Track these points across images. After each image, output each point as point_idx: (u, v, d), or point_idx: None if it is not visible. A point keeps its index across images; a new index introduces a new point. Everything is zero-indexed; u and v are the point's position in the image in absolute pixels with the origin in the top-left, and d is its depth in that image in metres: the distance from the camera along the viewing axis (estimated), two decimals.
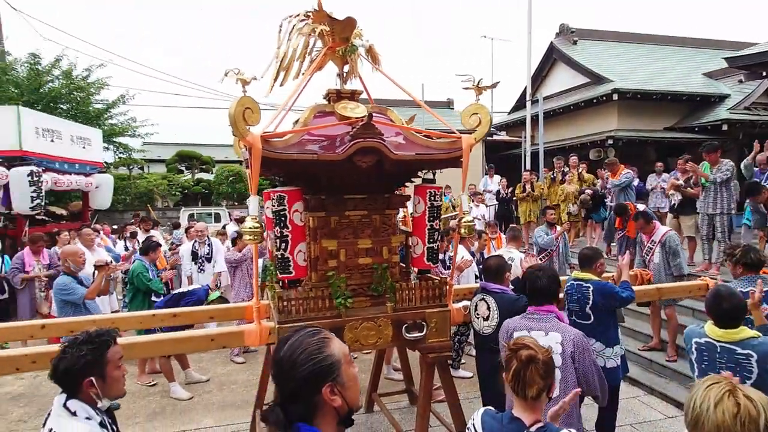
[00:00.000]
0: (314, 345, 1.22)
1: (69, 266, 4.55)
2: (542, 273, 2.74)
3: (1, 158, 7.99)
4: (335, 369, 1.21)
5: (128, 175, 18.55)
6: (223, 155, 29.36)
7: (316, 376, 1.19)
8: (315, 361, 1.20)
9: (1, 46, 14.58)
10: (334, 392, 1.20)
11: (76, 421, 1.72)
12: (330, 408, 1.21)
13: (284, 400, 1.22)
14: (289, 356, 1.22)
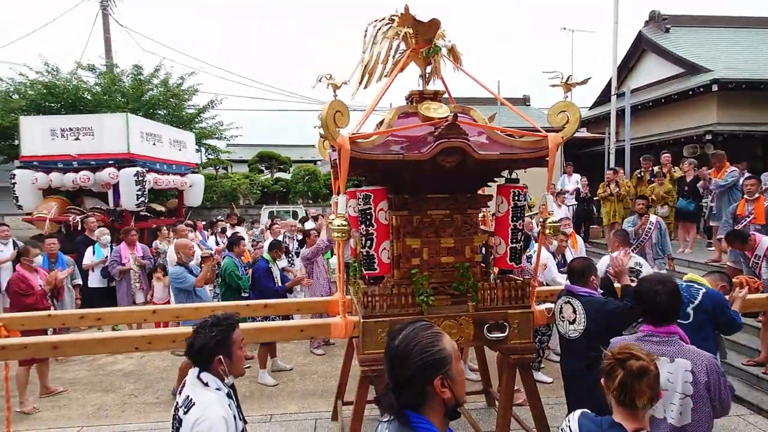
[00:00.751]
0: (428, 338, 1.28)
1: (181, 257, 4.99)
2: (662, 288, 2.26)
3: (112, 160, 8.95)
4: (447, 363, 1.27)
5: (215, 174, 19.92)
6: (299, 155, 30.59)
7: (429, 368, 1.25)
8: (429, 353, 1.26)
9: (110, 60, 16.31)
10: (444, 385, 1.25)
11: (209, 391, 1.95)
12: (439, 399, 1.27)
13: (396, 387, 1.29)
14: (404, 347, 1.28)
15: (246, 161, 23.55)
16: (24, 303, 4.99)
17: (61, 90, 13.81)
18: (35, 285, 5.14)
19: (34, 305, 4.97)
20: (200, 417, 1.86)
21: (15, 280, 5.13)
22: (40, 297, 5.14)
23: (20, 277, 5.10)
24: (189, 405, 1.91)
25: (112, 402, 4.91)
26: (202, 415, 1.86)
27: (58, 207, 9.01)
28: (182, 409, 1.93)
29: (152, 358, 6.14)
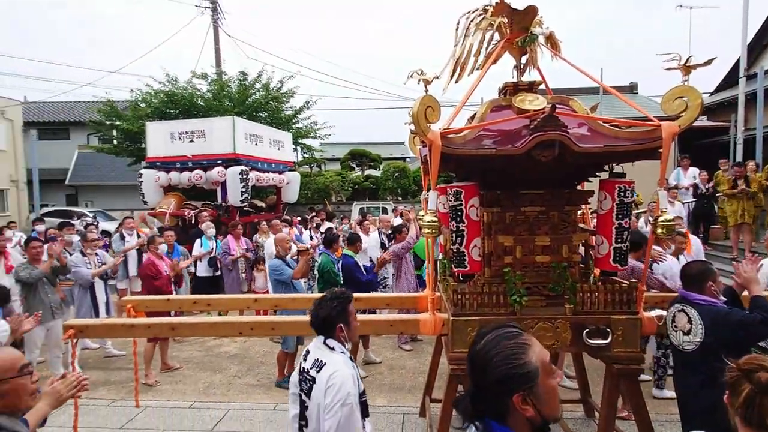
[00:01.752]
0: (511, 349, 1.19)
1: (279, 251, 5.30)
2: None
3: (220, 160, 9.77)
4: (531, 379, 1.16)
5: (310, 172, 20.94)
6: (389, 153, 31.02)
7: (509, 382, 1.15)
8: (510, 366, 1.16)
9: (219, 68, 17.80)
10: (526, 402, 1.15)
11: (335, 354, 2.24)
12: (522, 415, 1.16)
13: (475, 393, 1.22)
14: (484, 354, 1.20)
15: (338, 159, 24.43)
16: (153, 285, 5.69)
17: (179, 98, 15.38)
18: (162, 270, 5.83)
19: (161, 288, 5.67)
20: (334, 373, 2.13)
21: (147, 265, 5.86)
22: (165, 281, 5.84)
23: (150, 263, 5.83)
24: (320, 365, 2.19)
25: (219, 381, 5.36)
26: (335, 371, 2.13)
27: (176, 202, 10.05)
28: (314, 370, 2.21)
29: (254, 343, 6.61)
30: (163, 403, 4.77)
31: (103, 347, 6.33)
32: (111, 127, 16.67)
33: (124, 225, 8.19)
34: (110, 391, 5.12)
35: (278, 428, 4.17)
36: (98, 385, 5.27)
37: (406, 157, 30.38)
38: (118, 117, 15.86)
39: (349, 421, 2.09)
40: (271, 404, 4.67)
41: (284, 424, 4.23)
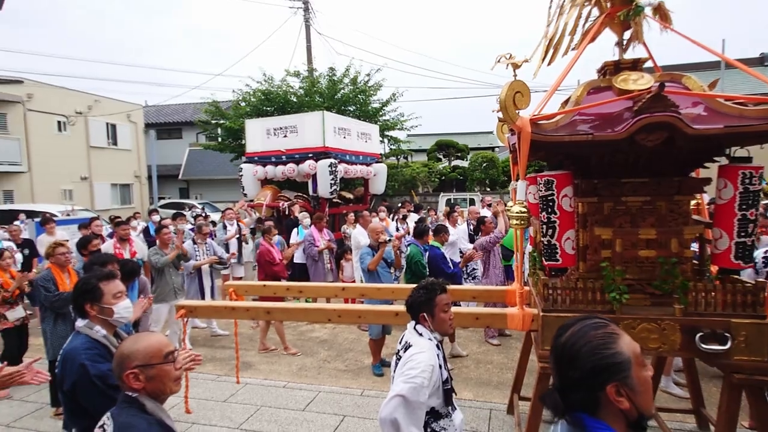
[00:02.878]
0: (600, 339, 1.14)
1: (371, 240, 5.43)
2: None
3: (311, 153, 10.18)
4: (623, 369, 1.11)
5: (396, 164, 21.14)
6: (477, 143, 30.33)
7: (601, 373, 1.11)
8: (600, 356, 1.12)
9: (310, 65, 18.54)
10: (620, 394, 1.10)
11: (422, 339, 2.33)
12: (615, 407, 1.12)
13: (563, 388, 1.18)
14: (570, 345, 1.17)
15: (425, 150, 24.37)
16: (271, 271, 6.28)
17: (274, 95, 16.29)
18: (276, 258, 6.37)
19: (278, 273, 6.28)
20: (414, 353, 2.24)
21: (263, 252, 6.42)
22: (281, 268, 6.44)
23: (266, 250, 6.38)
24: (407, 346, 2.32)
25: (310, 365, 5.63)
26: (417, 352, 2.24)
27: (272, 194, 10.68)
28: (402, 350, 2.34)
29: (342, 330, 6.85)
30: (260, 381, 5.12)
31: (210, 327, 6.95)
32: (216, 125, 18.15)
33: (225, 215, 8.89)
34: (216, 367, 5.61)
35: (365, 413, 4.29)
36: (205, 361, 5.78)
37: (495, 147, 29.48)
38: (222, 116, 17.22)
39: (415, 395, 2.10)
40: (358, 389, 4.81)
41: (371, 409, 4.34)
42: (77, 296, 2.20)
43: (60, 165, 19.36)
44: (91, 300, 2.16)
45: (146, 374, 1.60)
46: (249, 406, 4.51)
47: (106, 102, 21.83)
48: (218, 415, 4.35)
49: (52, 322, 4.31)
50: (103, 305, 2.18)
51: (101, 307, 2.17)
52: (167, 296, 5.73)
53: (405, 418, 2.06)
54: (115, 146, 22.64)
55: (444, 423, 2.28)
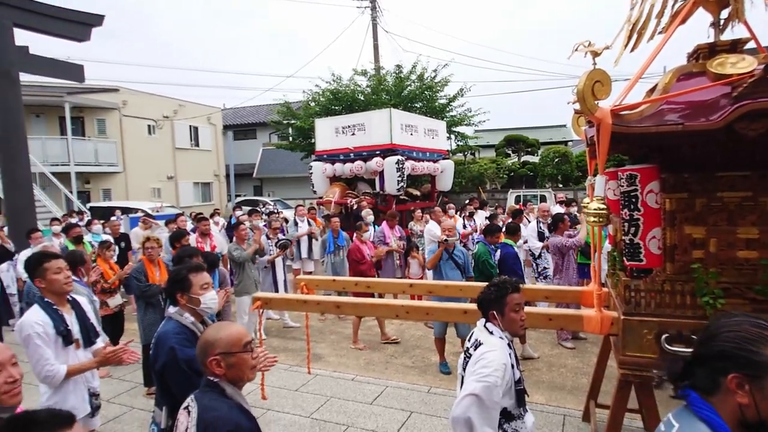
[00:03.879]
0: (751, 334, 1.11)
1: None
2: None
3: (378, 151, 10.30)
4: (759, 368, 1.07)
5: (463, 160, 20.81)
6: (548, 137, 29.13)
7: (730, 359, 1.10)
8: (739, 347, 1.10)
9: (377, 63, 18.73)
10: (742, 387, 1.08)
11: (493, 337, 2.30)
12: (734, 399, 1.09)
13: (691, 361, 1.19)
14: (719, 326, 1.17)
15: (493, 146, 23.79)
16: (359, 269, 6.38)
17: (342, 94, 16.66)
18: (366, 255, 6.49)
19: (365, 272, 6.36)
20: (486, 351, 2.20)
21: (353, 250, 6.56)
22: (369, 265, 6.54)
23: (356, 248, 6.52)
24: (478, 344, 2.29)
25: (378, 360, 5.71)
26: (489, 351, 2.20)
27: (340, 191, 10.94)
28: (472, 348, 2.31)
29: (409, 326, 6.87)
30: (330, 373, 5.27)
31: (282, 319, 7.26)
32: (287, 125, 18.89)
33: (297, 212, 9.22)
34: (288, 357, 5.85)
35: (432, 410, 4.28)
36: (278, 351, 6.06)
37: (568, 141, 28.16)
38: (293, 116, 17.89)
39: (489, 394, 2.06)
40: (425, 386, 4.81)
41: (438, 407, 4.32)
42: (170, 285, 2.39)
43: (149, 165, 21.11)
44: (181, 289, 2.33)
45: (227, 361, 1.71)
46: (319, 397, 4.66)
47: (190, 106, 23.47)
48: (291, 403, 4.54)
49: (143, 310, 4.72)
50: (191, 295, 2.34)
51: (190, 297, 2.34)
52: (249, 289, 6.05)
53: (479, 417, 2.03)
54: (197, 147, 24.30)
55: (516, 425, 2.22)
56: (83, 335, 2.70)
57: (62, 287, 2.60)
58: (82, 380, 2.63)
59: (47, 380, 2.45)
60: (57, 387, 2.49)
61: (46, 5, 8.52)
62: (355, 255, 6.48)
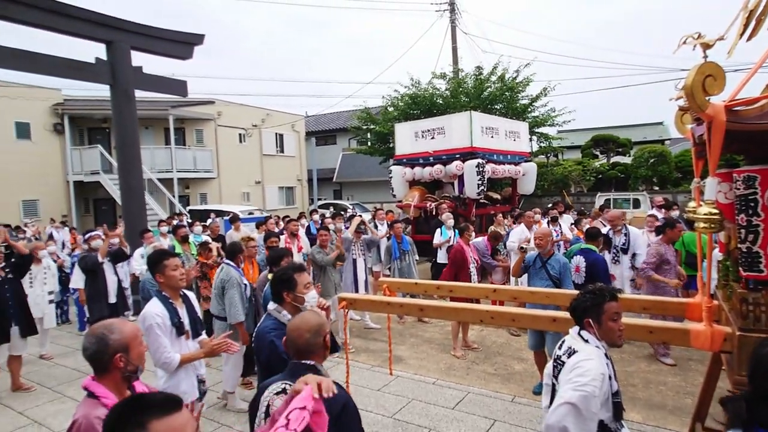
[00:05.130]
0: None
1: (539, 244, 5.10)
2: None
3: (458, 154, 10.21)
4: None
5: (546, 162, 19.98)
6: (642, 135, 27.09)
7: None
8: None
9: (456, 66, 18.59)
10: None
11: (589, 345, 2.19)
12: None
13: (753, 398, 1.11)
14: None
15: (578, 147, 22.61)
16: (459, 273, 6.14)
17: (420, 99, 16.74)
18: (468, 258, 6.22)
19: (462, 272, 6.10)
20: (582, 359, 2.11)
21: (457, 251, 6.31)
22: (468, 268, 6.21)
23: (460, 248, 6.30)
24: (571, 352, 2.20)
25: (459, 365, 5.65)
26: (585, 359, 2.11)
27: (419, 195, 10.98)
28: (564, 356, 2.23)
29: (490, 332, 6.73)
30: (411, 375, 5.31)
31: (363, 320, 7.43)
32: (367, 131, 19.34)
33: (377, 216, 9.41)
34: (369, 358, 5.98)
35: (517, 420, 4.16)
36: (360, 351, 6.22)
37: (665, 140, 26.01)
38: (372, 121, 18.28)
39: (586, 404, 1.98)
40: (509, 395, 4.69)
41: (523, 417, 4.19)
42: (276, 284, 2.57)
43: (240, 171, 22.66)
44: (287, 288, 2.51)
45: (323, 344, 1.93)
46: (401, 398, 4.72)
47: (275, 115, 24.87)
48: (373, 402, 4.64)
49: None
50: (296, 294, 2.51)
51: (295, 295, 2.51)
52: (329, 291, 6.28)
53: (575, 427, 1.95)
54: (282, 153, 25.67)
55: None
56: (192, 327, 2.98)
57: (177, 283, 2.89)
58: (192, 368, 2.91)
59: (164, 366, 2.73)
60: (172, 373, 2.77)
61: (157, 28, 9.48)
62: (456, 257, 6.22)
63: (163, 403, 1.22)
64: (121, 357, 1.81)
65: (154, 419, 1.17)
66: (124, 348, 1.82)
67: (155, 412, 1.19)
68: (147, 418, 1.17)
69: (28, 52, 7.77)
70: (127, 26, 8.93)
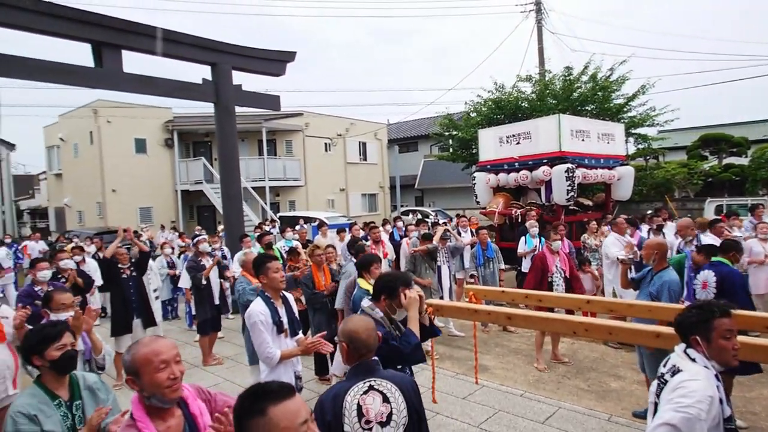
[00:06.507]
0: None
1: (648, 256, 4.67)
2: None
3: (546, 159, 9.82)
4: None
5: (644, 165, 18.49)
6: (761, 133, 24.17)
7: None
8: None
9: (542, 67, 17.92)
10: None
11: (696, 365, 2.04)
12: None
13: None
14: None
15: (683, 147, 20.70)
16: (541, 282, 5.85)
17: (505, 103, 16.35)
18: (551, 265, 5.95)
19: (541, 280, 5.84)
20: (687, 379, 1.96)
21: (539, 258, 6.08)
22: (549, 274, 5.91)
23: (542, 256, 6.05)
24: (676, 371, 2.06)
25: (548, 378, 5.42)
26: (690, 379, 1.96)
27: (504, 202, 10.71)
28: (668, 374, 2.09)
29: (582, 346, 6.38)
30: (497, 385, 5.19)
31: (446, 327, 7.39)
32: (449, 137, 19.25)
33: (459, 223, 9.33)
34: (453, 365, 5.93)
35: None
36: (444, 358, 6.19)
37: None
38: (454, 127, 18.16)
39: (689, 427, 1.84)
40: (605, 414, 4.41)
41: None
42: (381, 285, 2.64)
43: (325, 179, 23.66)
44: (388, 296, 2.58)
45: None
46: (487, 408, 4.63)
47: (359, 124, 25.65)
48: (458, 410, 4.60)
49: (313, 312, 5.45)
50: (394, 303, 2.59)
51: (391, 303, 2.59)
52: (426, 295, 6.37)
53: None
54: (365, 161, 26.39)
55: None
56: (290, 326, 3.19)
57: (278, 284, 3.12)
58: (290, 364, 3.11)
59: (267, 361, 2.95)
60: (272, 368, 2.99)
61: (254, 49, 10.28)
62: (536, 264, 6.01)
63: (279, 390, 1.35)
64: (132, 381, 1.70)
65: (271, 405, 1.30)
66: (133, 372, 1.69)
67: (272, 399, 1.32)
68: (265, 405, 1.30)
69: (151, 77, 8.83)
70: (228, 48, 9.77)
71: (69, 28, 7.71)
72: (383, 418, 1.91)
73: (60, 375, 2.17)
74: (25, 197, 32.95)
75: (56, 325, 2.27)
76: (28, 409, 2.00)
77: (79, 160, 21.06)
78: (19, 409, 1.99)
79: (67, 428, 2.05)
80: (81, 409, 2.16)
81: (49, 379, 2.15)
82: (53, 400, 2.10)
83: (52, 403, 2.08)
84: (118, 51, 8.32)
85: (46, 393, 2.11)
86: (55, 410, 2.06)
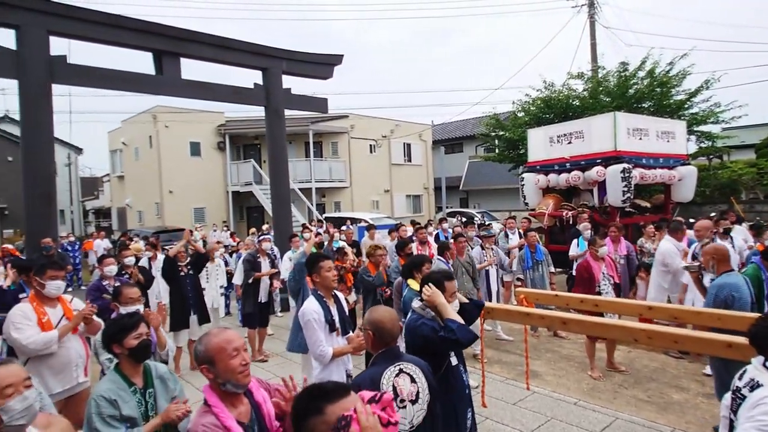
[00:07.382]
0: None
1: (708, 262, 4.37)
2: None
3: (600, 159, 9.44)
4: None
5: (707, 165, 17.41)
6: None
7: None
8: None
9: (595, 64, 17.25)
10: None
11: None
12: None
13: None
14: None
15: (751, 146, 19.34)
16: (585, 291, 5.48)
17: (554, 102, 15.85)
18: (597, 273, 5.74)
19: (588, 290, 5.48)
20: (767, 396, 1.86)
21: (582, 267, 5.87)
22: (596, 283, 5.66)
23: (587, 264, 5.85)
24: (754, 386, 1.97)
25: (603, 387, 5.20)
26: None
27: (554, 203, 10.39)
28: (746, 389, 2.00)
29: (640, 354, 6.08)
30: (549, 392, 5.03)
31: (494, 330, 7.25)
32: (495, 137, 18.89)
33: (507, 225, 9.14)
34: (502, 370, 5.81)
35: None
36: (492, 362, 6.07)
37: None
38: (501, 128, 17.80)
39: None
40: (667, 427, 4.17)
41: None
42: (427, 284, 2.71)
43: (370, 180, 23.82)
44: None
45: None
46: (539, 415, 4.50)
47: (403, 125, 25.67)
48: (509, 416, 4.50)
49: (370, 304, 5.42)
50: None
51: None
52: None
53: None
54: (409, 163, 26.37)
55: None
56: (341, 325, 3.22)
57: (330, 283, 3.16)
58: (342, 362, 3.14)
59: (319, 358, 3.00)
60: (325, 365, 3.03)
61: (303, 53, 10.51)
62: (582, 273, 5.78)
63: (334, 389, 1.39)
64: (207, 369, 1.78)
65: (328, 404, 1.33)
66: (208, 361, 1.77)
67: (329, 398, 1.35)
68: (323, 404, 1.33)
69: (207, 83, 9.22)
70: (279, 53, 10.04)
71: (135, 39, 8.18)
72: (413, 397, 2.14)
73: (136, 363, 2.31)
74: (90, 198, 35.30)
75: (133, 316, 2.43)
76: (109, 393, 2.13)
77: (139, 163, 22.31)
78: (102, 393, 2.13)
79: (140, 414, 2.16)
80: (153, 396, 2.28)
81: (127, 366, 2.29)
82: (130, 387, 2.23)
83: (128, 389, 2.22)
84: (177, 59, 8.74)
85: (124, 380, 2.25)
86: (131, 396, 2.18)
